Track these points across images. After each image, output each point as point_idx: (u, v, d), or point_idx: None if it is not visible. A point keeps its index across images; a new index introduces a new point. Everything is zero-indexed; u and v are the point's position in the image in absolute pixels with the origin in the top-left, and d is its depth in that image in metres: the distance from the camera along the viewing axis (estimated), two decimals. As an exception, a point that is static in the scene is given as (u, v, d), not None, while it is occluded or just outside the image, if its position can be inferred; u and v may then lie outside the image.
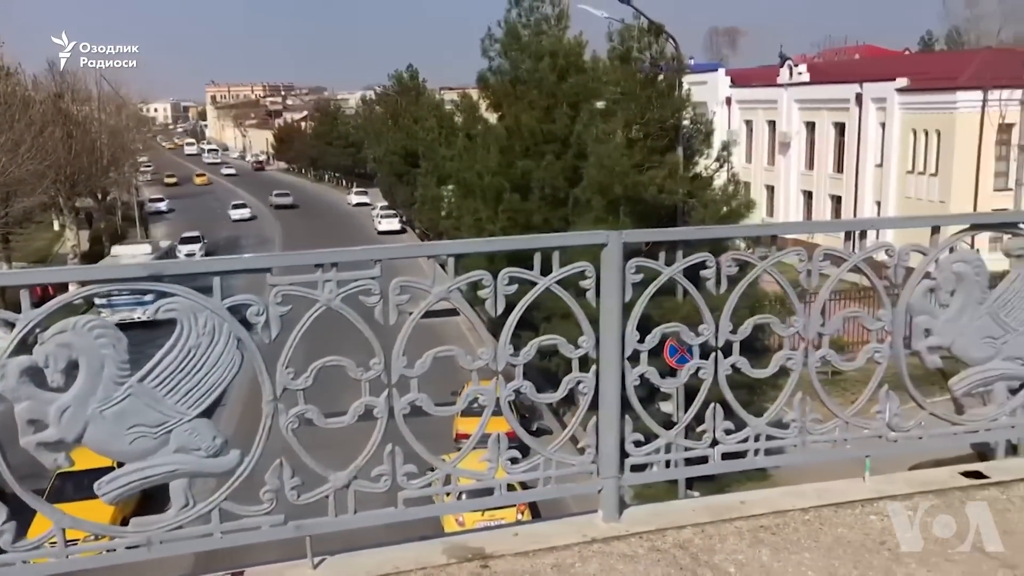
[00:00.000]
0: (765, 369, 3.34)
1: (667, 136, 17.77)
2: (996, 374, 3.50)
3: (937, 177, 34.49)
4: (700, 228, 3.30)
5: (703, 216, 17.26)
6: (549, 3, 22.62)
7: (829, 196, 40.94)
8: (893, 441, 3.43)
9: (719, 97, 45.11)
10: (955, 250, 3.52)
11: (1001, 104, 26.19)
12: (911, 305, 3.36)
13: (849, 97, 38.58)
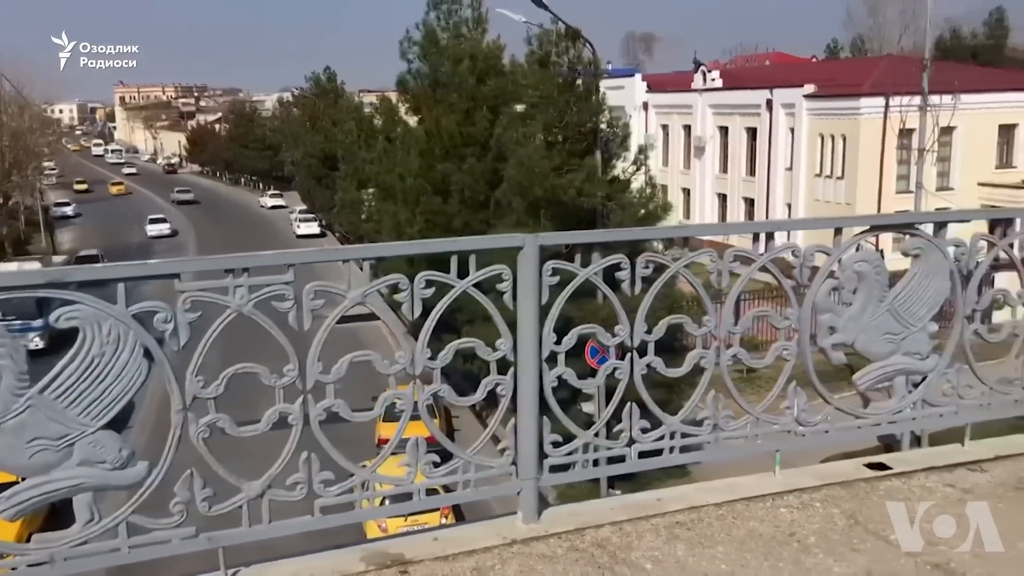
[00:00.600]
0: (680, 368, 3.40)
1: (585, 140, 17.99)
2: (896, 369, 3.65)
3: (843, 180, 35.84)
4: (614, 231, 3.34)
5: (622, 218, 17.53)
6: (467, 6, 22.67)
7: (743, 198, 42.07)
8: (801, 435, 3.54)
9: (636, 102, 45.90)
10: (860, 249, 3.67)
11: (901, 110, 27.37)
12: (816, 304, 3.48)
13: (760, 103, 39.75)
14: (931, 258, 3.62)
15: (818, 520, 3.19)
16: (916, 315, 3.64)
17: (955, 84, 26.03)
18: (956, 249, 3.66)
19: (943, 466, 3.63)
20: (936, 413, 3.74)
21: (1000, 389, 3.80)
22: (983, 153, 36.30)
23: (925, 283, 3.65)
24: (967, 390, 3.74)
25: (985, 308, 3.83)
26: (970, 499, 3.35)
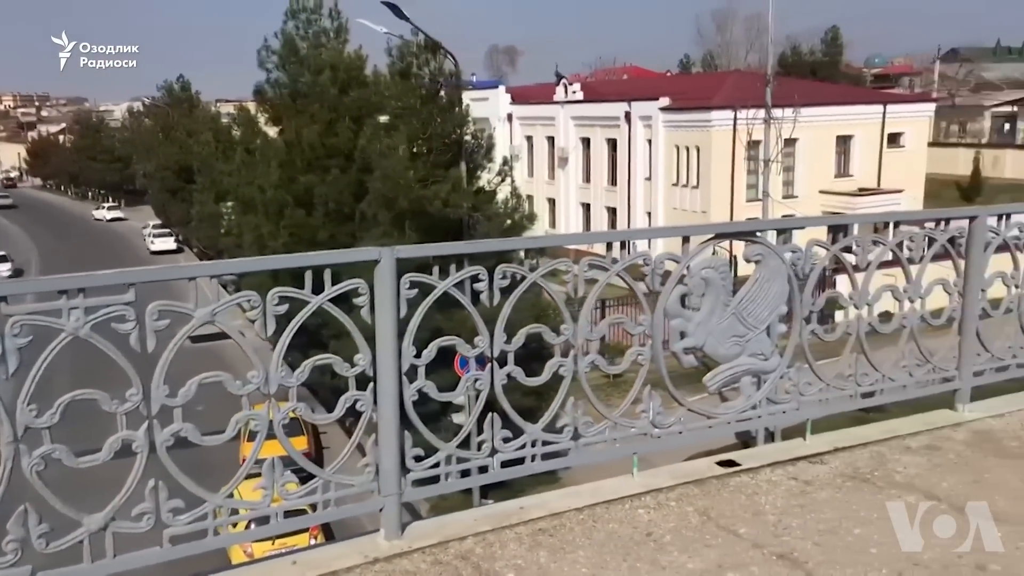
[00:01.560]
0: (540, 377, 3.45)
1: (450, 151, 18.05)
2: (743, 369, 3.84)
3: (698, 189, 37.50)
4: (471, 243, 3.35)
5: (488, 229, 17.67)
6: (327, 16, 22.31)
7: (605, 208, 43.28)
8: (657, 437, 3.67)
9: (500, 113, 46.47)
10: (716, 254, 3.84)
11: (748, 122, 28.92)
12: (667, 310, 3.62)
13: (619, 115, 41.06)
14: (771, 264, 3.83)
15: (673, 519, 3.31)
16: (759, 318, 3.83)
17: (795, 98, 27.70)
18: (793, 255, 3.89)
19: (787, 460, 3.83)
20: (780, 410, 3.95)
21: (836, 385, 4.05)
22: (823, 163, 38.82)
23: (766, 287, 3.85)
24: (807, 387, 3.97)
25: (821, 309, 4.10)
26: (811, 490, 3.56)
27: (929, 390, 4.35)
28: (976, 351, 4.39)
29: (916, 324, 4.20)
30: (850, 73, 72.42)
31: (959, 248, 4.36)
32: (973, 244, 4.29)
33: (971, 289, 4.30)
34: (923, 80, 75.80)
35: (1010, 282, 4.46)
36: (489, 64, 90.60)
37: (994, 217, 4.40)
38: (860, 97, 45.51)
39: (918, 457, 3.88)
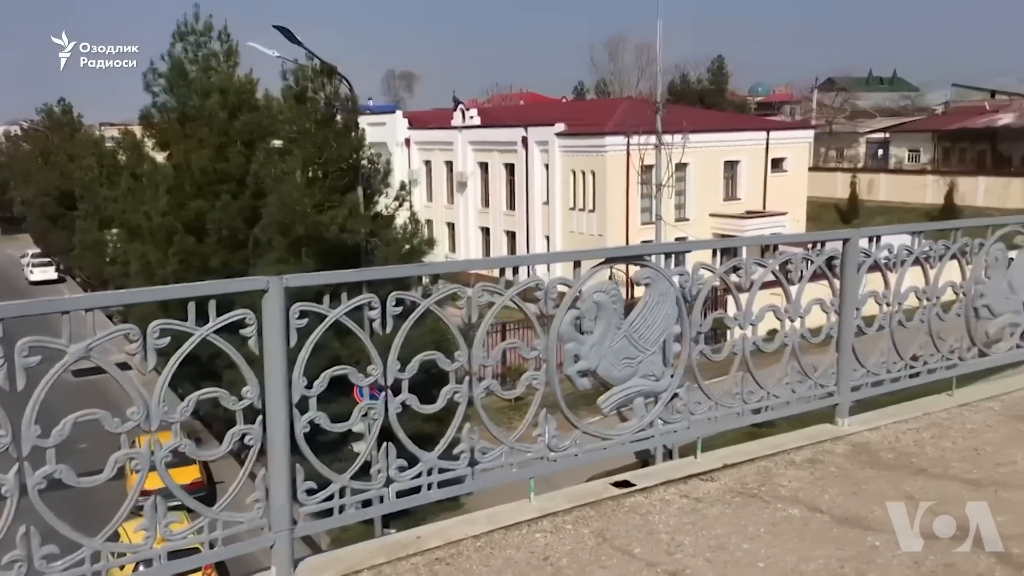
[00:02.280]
0: (434, 404, 3.43)
1: (347, 176, 17.84)
2: (635, 391, 3.91)
3: (595, 213, 38.24)
4: (362, 270, 3.31)
5: (386, 254, 17.52)
6: (217, 39, 21.81)
7: (504, 232, 43.59)
8: (553, 460, 3.69)
9: (398, 138, 46.37)
10: (613, 277, 3.91)
11: (640, 148, 29.73)
12: (560, 334, 3.66)
13: (516, 140, 41.56)
14: (659, 286, 3.93)
15: (570, 542, 3.33)
16: (649, 340, 3.93)
17: (684, 124, 28.67)
18: (681, 277, 4.01)
19: (679, 478, 3.92)
20: (671, 430, 4.05)
21: (725, 403, 4.18)
22: (712, 187, 40.23)
23: (656, 309, 3.95)
24: (697, 406, 4.08)
25: (714, 329, 4.23)
26: (702, 507, 3.64)
27: (811, 405, 4.54)
28: (853, 367, 4.60)
29: (797, 342, 4.38)
30: (735, 101, 75.55)
31: (835, 269, 4.58)
32: (847, 265, 4.52)
33: (846, 308, 4.52)
34: (803, 108, 79.74)
35: (882, 300, 4.71)
36: (386, 89, 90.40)
37: (865, 239, 4.64)
38: (745, 124, 47.50)
39: (802, 471, 4.03)
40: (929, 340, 4.94)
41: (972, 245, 5.01)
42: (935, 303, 4.91)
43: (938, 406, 4.89)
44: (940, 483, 3.84)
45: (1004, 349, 5.27)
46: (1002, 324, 5.22)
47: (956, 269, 4.99)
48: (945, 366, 4.99)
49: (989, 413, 4.83)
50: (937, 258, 4.88)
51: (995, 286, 5.13)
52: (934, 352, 4.95)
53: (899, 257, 4.73)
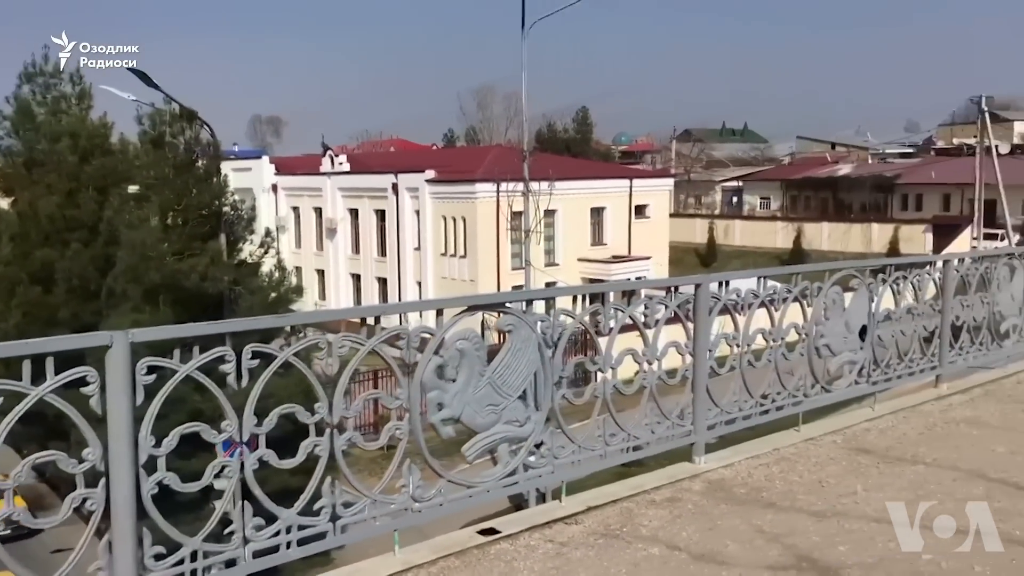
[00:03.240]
0: (294, 458, 3.34)
1: (208, 222, 17.29)
2: (500, 437, 3.94)
3: (466, 258, 38.52)
4: (215, 323, 3.20)
5: (251, 303, 17.02)
6: (68, 81, 20.82)
7: (376, 278, 43.20)
8: (418, 511, 3.65)
9: (265, 184, 45.42)
10: (485, 325, 3.93)
11: (508, 194, 30.27)
12: (423, 382, 3.65)
13: (387, 186, 41.49)
14: (522, 333, 3.99)
15: None
16: (513, 386, 3.97)
17: (551, 172, 29.42)
18: (543, 323, 4.08)
19: (544, 523, 3.95)
20: (536, 475, 4.09)
21: (587, 446, 4.26)
22: (580, 232, 41.30)
23: (519, 355, 4.01)
24: (560, 450, 4.14)
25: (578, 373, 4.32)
26: (566, 551, 3.68)
27: (670, 444, 4.69)
28: (708, 407, 4.80)
29: (655, 384, 4.53)
30: (600, 150, 78.27)
31: (688, 313, 4.78)
32: (699, 309, 4.73)
33: (700, 350, 4.72)
34: (663, 157, 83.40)
35: (732, 342, 4.95)
36: (252, 134, 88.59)
37: (716, 284, 4.88)
38: (609, 172, 49.20)
39: (661, 510, 4.14)
40: (777, 378, 5.21)
41: (812, 288, 5.35)
42: (780, 343, 5.19)
43: (786, 441, 5.15)
44: (787, 515, 4.03)
45: (844, 385, 5.62)
46: (841, 362, 5.57)
47: (798, 311, 5.31)
48: (792, 403, 5.27)
49: (832, 447, 5.12)
50: (781, 301, 5.19)
51: (833, 326, 5.49)
52: (781, 390, 5.23)
53: (746, 300, 4.99)
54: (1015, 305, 7.19)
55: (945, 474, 4.59)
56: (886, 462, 4.82)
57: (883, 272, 5.90)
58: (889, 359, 5.95)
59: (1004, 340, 7.12)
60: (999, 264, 7.07)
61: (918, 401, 6.16)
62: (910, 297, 6.17)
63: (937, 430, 5.48)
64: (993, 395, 6.42)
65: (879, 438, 5.31)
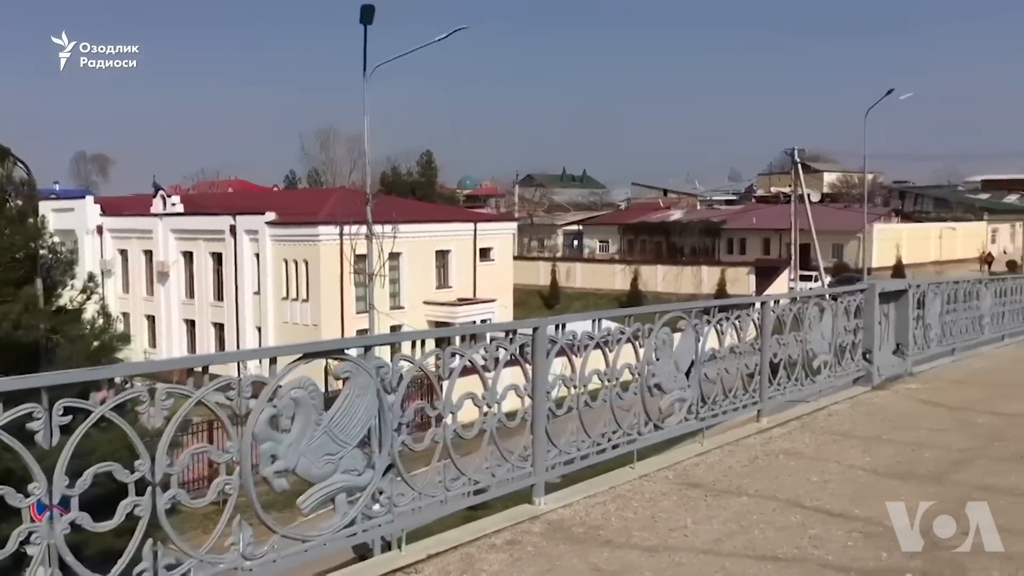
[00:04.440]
0: (111, 520, 3.12)
1: (23, 267, 16.02)
2: (337, 487, 3.84)
3: (309, 302, 37.62)
4: (18, 378, 2.98)
5: (70, 353, 15.83)
6: None
7: (212, 324, 41.40)
8: (249, 570, 3.49)
9: (89, 225, 42.83)
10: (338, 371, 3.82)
11: (351, 237, 29.95)
12: (256, 434, 3.52)
13: (224, 228, 40.05)
14: (359, 380, 3.93)
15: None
16: (351, 434, 3.89)
17: (394, 215, 29.37)
18: (381, 369, 4.03)
19: (383, 574, 3.87)
20: (375, 524, 4.00)
21: (428, 492, 4.22)
22: (426, 275, 41.34)
23: (356, 403, 3.94)
24: (400, 498, 4.08)
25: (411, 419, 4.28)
26: (405, 601, 3.61)
27: (511, 487, 4.72)
28: (547, 448, 4.88)
29: (495, 427, 4.56)
30: (445, 193, 78.97)
31: (527, 355, 4.87)
32: (537, 351, 4.83)
33: (538, 392, 4.81)
34: (507, 201, 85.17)
35: (569, 383, 5.07)
36: (76, 173, 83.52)
37: (552, 327, 5.01)
38: (454, 215, 49.71)
39: (502, 554, 4.15)
40: (612, 418, 5.38)
41: (643, 330, 5.58)
42: (615, 383, 5.37)
43: (622, 479, 5.31)
44: (623, 552, 4.14)
45: (675, 423, 5.87)
46: (672, 400, 5.83)
47: (632, 352, 5.52)
48: (627, 441, 5.45)
49: (665, 482, 5.32)
50: (615, 342, 5.38)
51: (664, 366, 5.74)
52: (617, 429, 5.40)
53: (582, 342, 5.14)
54: (825, 343, 7.79)
55: (766, 504, 4.87)
56: (713, 495, 5.05)
57: (708, 314, 6.25)
58: (715, 396, 6.28)
59: (817, 375, 7.68)
60: (810, 305, 7.65)
61: (742, 435, 6.51)
62: (733, 336, 6.57)
63: (759, 462, 5.81)
64: (808, 427, 6.89)
65: (707, 472, 5.56)
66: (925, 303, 10.04)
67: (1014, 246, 70.91)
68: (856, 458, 5.92)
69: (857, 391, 8.32)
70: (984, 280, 13.03)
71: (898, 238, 64.86)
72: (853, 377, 8.42)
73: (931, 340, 10.22)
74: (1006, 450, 6.15)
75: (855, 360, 8.43)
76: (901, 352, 9.38)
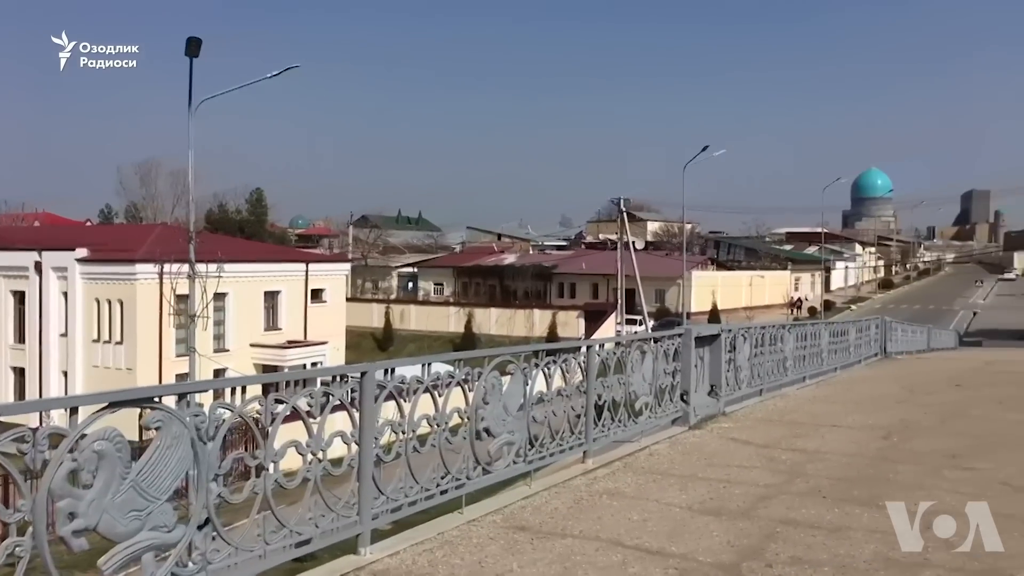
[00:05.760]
0: None
1: None
2: (144, 545, 3.58)
3: (123, 345, 35.27)
4: None
5: None
6: None
7: (11, 368, 38.00)
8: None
9: None
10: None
11: (172, 277, 28.50)
12: (52, 490, 3.24)
13: (28, 265, 37.08)
14: (172, 429, 3.71)
15: None
16: (161, 488, 3.65)
17: (219, 254, 28.21)
18: (196, 418, 3.83)
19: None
20: (187, 584, 3.76)
21: (245, 547, 4.02)
22: (253, 317, 39.84)
23: (168, 454, 3.71)
24: (215, 554, 3.86)
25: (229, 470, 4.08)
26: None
27: (335, 537, 4.58)
28: (374, 495, 4.78)
29: (320, 475, 4.42)
30: (276, 232, 76.89)
31: (354, 400, 4.78)
32: (365, 397, 4.75)
33: (365, 438, 4.72)
34: (340, 242, 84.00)
35: (398, 428, 5.01)
36: None
37: (381, 371, 4.95)
38: (285, 255, 48.40)
39: (324, 607, 4.01)
40: (441, 463, 5.35)
41: (473, 374, 5.62)
42: (445, 428, 5.36)
43: (450, 524, 5.28)
44: (449, 600, 4.10)
45: (503, 466, 5.92)
46: (500, 443, 5.88)
47: (461, 396, 5.54)
48: (455, 486, 5.43)
49: (492, 526, 5.34)
50: (444, 386, 5.38)
51: (493, 410, 5.79)
52: (446, 473, 5.37)
53: (412, 387, 5.11)
54: (646, 385, 8.14)
55: (589, 544, 4.98)
56: (539, 537, 5.11)
57: (536, 357, 6.39)
58: (543, 438, 6.40)
59: (639, 417, 7.99)
60: (632, 349, 7.99)
61: (569, 476, 6.65)
62: (560, 380, 6.73)
63: (584, 503, 5.95)
64: (631, 467, 7.13)
65: (534, 515, 5.63)
66: (736, 346, 10.72)
67: (813, 294, 77.32)
68: (674, 496, 6.18)
69: (676, 431, 8.72)
70: (787, 325, 14.08)
71: (714, 284, 69.17)
72: (672, 417, 8.82)
73: (742, 381, 10.91)
74: (805, 485, 6.62)
75: (674, 401, 8.85)
76: (715, 393, 9.94)
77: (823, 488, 6.46)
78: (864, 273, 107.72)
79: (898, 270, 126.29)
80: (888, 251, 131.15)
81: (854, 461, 7.62)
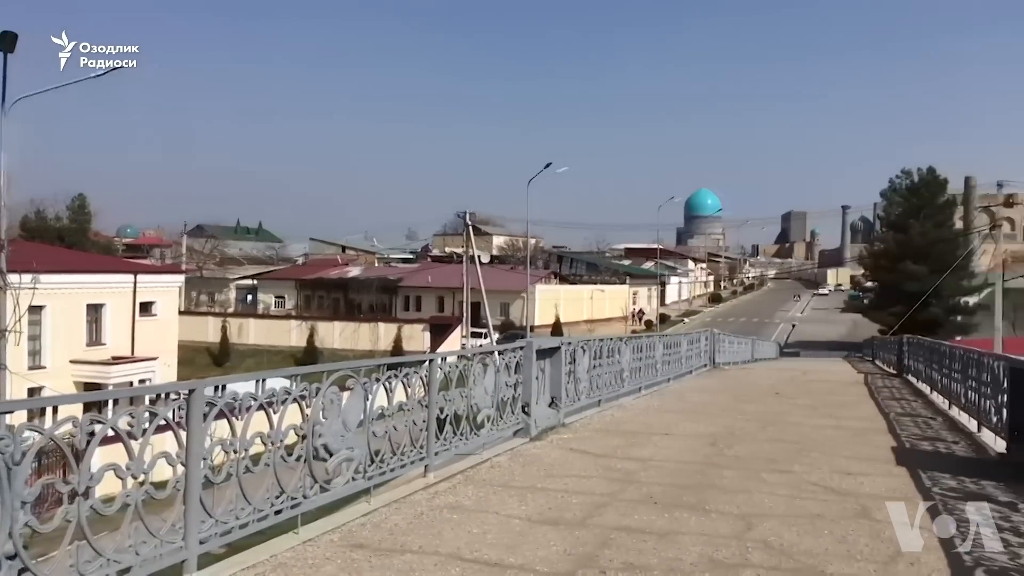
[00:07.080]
0: None
1: None
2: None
3: (-79, 362, 32.01)
4: None
5: None
6: None
7: None
8: None
9: None
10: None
11: None
12: None
13: None
14: (-30, 455, 3.39)
15: None
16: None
17: (35, 264, 26.20)
18: (1, 441, 3.52)
19: None
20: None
21: (56, 580, 3.72)
22: (75, 331, 37.14)
23: (-35, 483, 3.39)
24: (21, 590, 3.56)
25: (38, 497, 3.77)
26: None
27: (159, 564, 4.32)
28: (201, 519, 4.55)
29: (141, 499, 4.17)
30: (101, 242, 72.31)
31: (181, 419, 4.54)
32: (192, 416, 4.52)
33: (193, 459, 4.49)
34: (173, 252, 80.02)
35: (229, 448, 4.80)
36: None
37: (211, 388, 4.72)
38: (111, 266, 45.44)
39: (144, 641, 3.77)
40: (276, 482, 5.17)
41: (310, 389, 5.47)
42: (280, 446, 5.18)
43: (284, 545, 5.10)
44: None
45: (342, 483, 5.79)
46: (339, 460, 5.75)
47: (298, 412, 5.38)
48: (291, 506, 5.26)
49: (329, 545, 5.20)
50: (280, 403, 5.21)
51: (331, 426, 5.66)
52: (281, 493, 5.19)
53: (244, 404, 4.91)
54: (488, 397, 8.20)
55: (428, 559, 4.95)
56: (378, 555, 5.03)
57: (377, 372, 6.30)
58: (384, 454, 6.31)
59: (481, 429, 8.04)
60: (475, 362, 8.04)
61: (409, 491, 6.60)
62: (402, 394, 6.67)
63: (424, 518, 5.91)
64: (472, 480, 7.16)
65: (373, 532, 5.54)
66: (576, 359, 11.01)
67: (650, 307, 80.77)
68: (513, 508, 6.25)
69: (517, 442, 8.84)
70: (624, 338, 14.62)
71: (557, 298, 70.85)
72: (513, 429, 8.94)
73: (581, 393, 11.21)
74: (638, 492, 6.86)
75: (515, 413, 8.97)
76: (555, 405, 10.16)
77: (655, 495, 6.72)
78: (696, 288, 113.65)
79: (726, 285, 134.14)
80: (717, 267, 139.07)
81: (684, 468, 7.98)
